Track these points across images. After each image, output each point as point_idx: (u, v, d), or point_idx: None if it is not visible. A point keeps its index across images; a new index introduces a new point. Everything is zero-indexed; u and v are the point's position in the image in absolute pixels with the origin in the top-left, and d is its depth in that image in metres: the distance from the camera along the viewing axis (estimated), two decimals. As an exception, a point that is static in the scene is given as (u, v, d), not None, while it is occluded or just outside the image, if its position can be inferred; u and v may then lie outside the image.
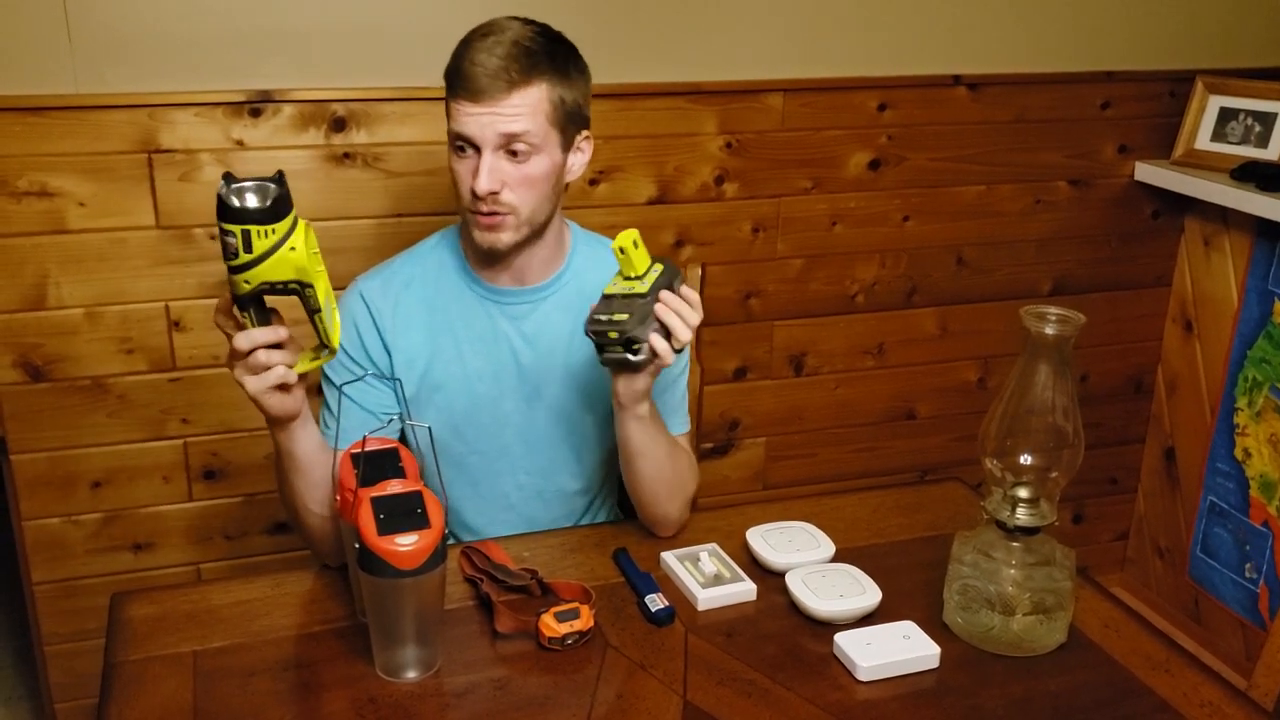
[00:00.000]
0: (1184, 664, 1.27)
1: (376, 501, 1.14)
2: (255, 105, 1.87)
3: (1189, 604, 2.62)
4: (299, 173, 1.92)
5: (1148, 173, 2.42)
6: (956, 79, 2.26)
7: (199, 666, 1.22)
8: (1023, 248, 2.43)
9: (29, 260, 1.84)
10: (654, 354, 1.30)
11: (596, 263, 1.54)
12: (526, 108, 1.37)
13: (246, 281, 1.15)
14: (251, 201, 1.12)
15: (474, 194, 1.39)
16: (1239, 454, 2.45)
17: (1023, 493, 1.25)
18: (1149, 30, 2.35)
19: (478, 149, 1.38)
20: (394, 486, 1.16)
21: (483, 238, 1.43)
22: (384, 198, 1.98)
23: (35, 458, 1.93)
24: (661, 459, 1.44)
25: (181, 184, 1.87)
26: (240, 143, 1.88)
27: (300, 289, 1.17)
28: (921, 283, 2.38)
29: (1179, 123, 2.42)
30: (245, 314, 1.19)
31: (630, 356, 1.29)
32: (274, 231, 1.13)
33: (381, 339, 1.50)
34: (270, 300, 1.20)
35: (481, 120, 1.37)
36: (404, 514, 1.14)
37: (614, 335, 1.28)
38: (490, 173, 1.38)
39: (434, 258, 1.54)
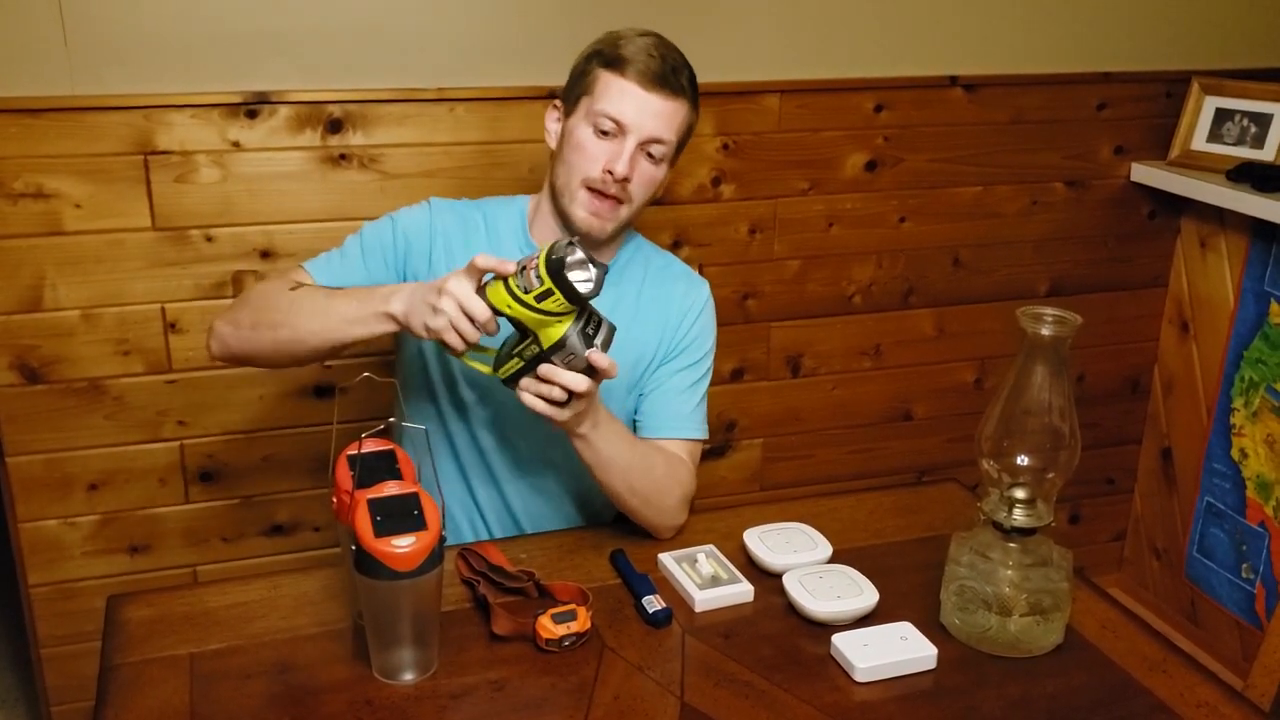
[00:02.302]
0: (1181, 664, 1.27)
1: (373, 503, 1.14)
2: (251, 106, 1.87)
3: (1186, 604, 2.62)
4: (295, 174, 1.92)
5: (1144, 173, 2.43)
6: (953, 80, 2.26)
7: (196, 669, 1.22)
8: (1019, 248, 2.43)
9: (25, 262, 1.84)
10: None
11: (640, 258, 1.61)
12: (677, 119, 1.47)
13: (509, 306, 1.24)
14: (580, 285, 1.21)
15: (608, 174, 1.43)
16: (1235, 454, 2.45)
17: (1020, 493, 1.26)
18: (1145, 31, 2.36)
19: (622, 133, 1.43)
20: (390, 488, 1.16)
21: (589, 221, 1.47)
22: (381, 199, 1.97)
23: (32, 460, 1.93)
24: (622, 471, 1.43)
25: (178, 185, 1.87)
26: (236, 144, 1.88)
27: (527, 342, 1.28)
28: (918, 284, 2.38)
29: (1175, 124, 2.42)
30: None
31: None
32: (563, 310, 1.23)
33: (430, 250, 1.52)
34: None
35: (646, 108, 1.43)
36: (401, 516, 1.13)
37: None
38: (631, 159, 1.43)
39: (504, 214, 1.58)
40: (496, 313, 1.26)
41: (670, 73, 1.44)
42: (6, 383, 1.88)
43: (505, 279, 1.24)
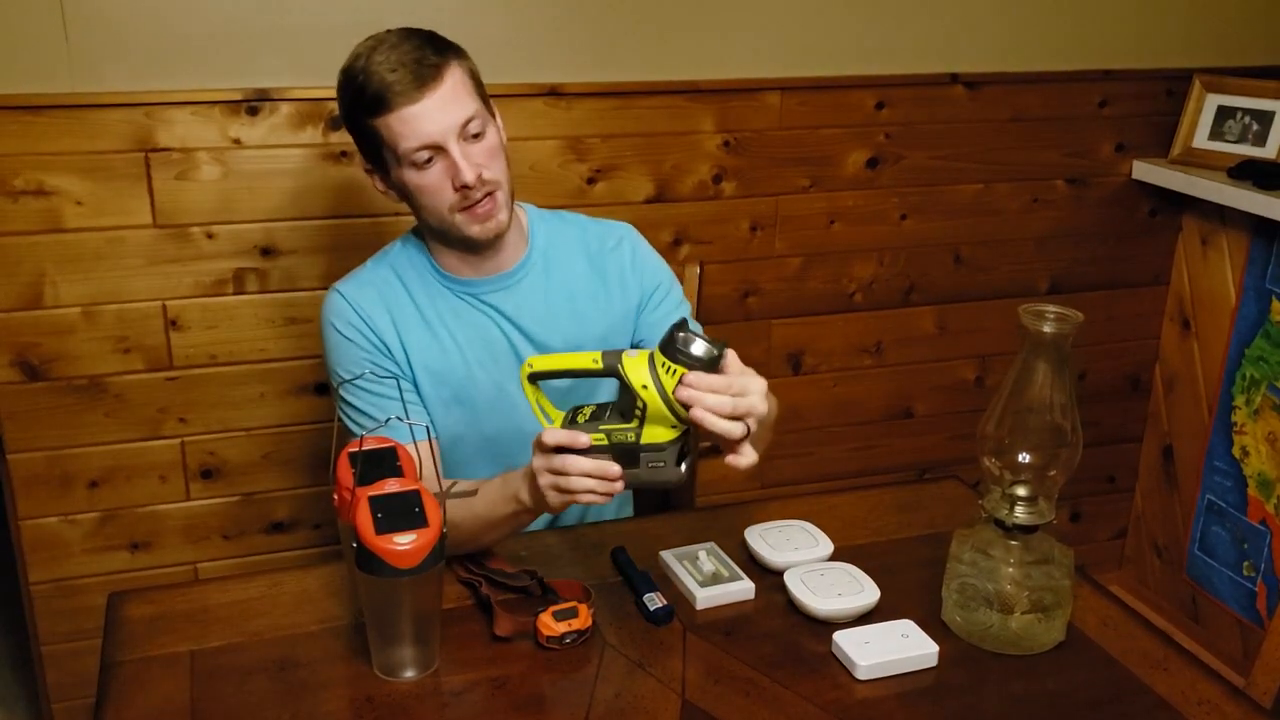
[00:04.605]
0: (1182, 662, 1.27)
1: (374, 500, 1.14)
2: (252, 104, 1.87)
3: (1187, 602, 2.62)
4: (296, 171, 1.92)
5: (1145, 171, 2.42)
6: (954, 77, 2.26)
7: (196, 666, 1.22)
8: (1021, 246, 2.43)
9: (25, 259, 1.84)
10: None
11: (556, 239, 1.58)
12: (460, 87, 1.41)
13: (644, 388, 1.17)
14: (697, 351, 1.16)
15: (463, 188, 1.40)
16: (1237, 452, 2.45)
17: (1021, 491, 1.25)
18: (1147, 29, 2.35)
19: (439, 148, 1.39)
20: (391, 485, 1.16)
21: (484, 229, 1.44)
22: (380, 196, 1.96)
23: (32, 457, 1.93)
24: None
25: (178, 183, 1.87)
26: (237, 141, 1.88)
27: (625, 426, 1.20)
28: (919, 281, 2.38)
29: (1176, 121, 2.42)
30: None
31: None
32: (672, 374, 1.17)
33: (377, 334, 1.50)
34: None
35: (434, 113, 1.38)
36: (402, 513, 1.13)
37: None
38: (468, 159, 1.40)
39: (404, 258, 1.55)
40: (625, 385, 1.18)
41: (417, 65, 1.37)
42: (7, 380, 1.88)
43: (653, 359, 1.17)
